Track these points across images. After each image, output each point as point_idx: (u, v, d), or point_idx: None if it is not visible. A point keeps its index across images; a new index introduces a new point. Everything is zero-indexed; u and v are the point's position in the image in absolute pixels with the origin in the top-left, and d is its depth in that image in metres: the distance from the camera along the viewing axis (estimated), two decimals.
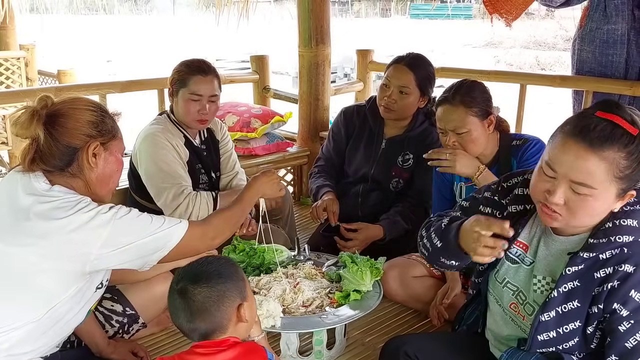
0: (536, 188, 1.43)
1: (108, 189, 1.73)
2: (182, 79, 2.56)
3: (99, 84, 3.52)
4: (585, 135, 1.32)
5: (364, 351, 2.23)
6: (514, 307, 1.58)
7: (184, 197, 2.45)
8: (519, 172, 1.64)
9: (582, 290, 1.41)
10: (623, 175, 1.32)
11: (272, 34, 19.22)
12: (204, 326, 1.43)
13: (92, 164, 1.63)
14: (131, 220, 1.62)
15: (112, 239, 1.57)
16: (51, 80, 6.56)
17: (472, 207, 1.67)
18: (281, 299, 2.09)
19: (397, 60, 2.74)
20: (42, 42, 10.49)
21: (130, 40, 23.73)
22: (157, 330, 2.31)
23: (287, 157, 3.85)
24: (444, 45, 19.63)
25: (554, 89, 3.64)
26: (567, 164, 1.34)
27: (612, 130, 1.32)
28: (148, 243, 1.63)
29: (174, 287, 1.48)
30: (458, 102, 2.17)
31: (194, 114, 2.56)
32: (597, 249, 1.39)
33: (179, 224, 1.72)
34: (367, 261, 2.24)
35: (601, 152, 1.31)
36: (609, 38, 3.17)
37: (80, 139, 1.61)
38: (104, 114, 1.68)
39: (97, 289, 1.73)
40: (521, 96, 3.45)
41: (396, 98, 2.67)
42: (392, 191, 2.84)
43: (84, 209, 1.56)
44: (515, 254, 1.57)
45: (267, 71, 4.39)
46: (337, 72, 13.86)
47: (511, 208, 1.59)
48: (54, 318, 1.61)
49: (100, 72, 14.21)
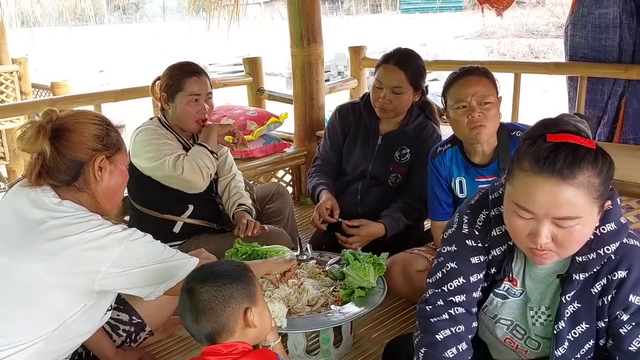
0: (518, 234, 1.33)
1: (114, 202, 1.74)
2: (177, 83, 2.56)
3: (92, 94, 3.53)
4: (552, 167, 1.22)
5: (371, 347, 2.23)
6: (509, 342, 1.55)
7: (183, 158, 2.50)
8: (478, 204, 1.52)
9: (585, 310, 1.39)
10: (599, 194, 1.26)
11: (263, 36, 19.23)
12: (209, 326, 1.43)
13: (98, 177, 1.64)
14: (144, 244, 1.64)
15: (122, 259, 1.58)
16: (45, 93, 6.55)
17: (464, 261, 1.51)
18: (286, 299, 2.09)
19: (385, 60, 2.71)
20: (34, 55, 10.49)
21: (122, 49, 23.73)
22: (164, 337, 2.31)
23: (285, 157, 3.85)
24: (436, 38, 19.64)
25: (548, 77, 3.64)
26: (544, 203, 1.25)
27: (575, 154, 1.23)
28: (157, 270, 1.65)
29: (184, 287, 1.48)
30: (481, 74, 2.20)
31: (194, 115, 2.58)
32: (589, 267, 1.35)
33: (190, 259, 1.74)
34: (370, 257, 2.24)
35: (574, 180, 1.22)
36: (601, 22, 3.17)
37: (86, 152, 1.62)
38: (109, 127, 1.69)
39: (108, 311, 1.74)
40: (516, 85, 3.46)
41: (390, 98, 2.67)
42: (391, 187, 2.83)
43: (96, 227, 1.57)
44: (504, 289, 1.51)
45: (261, 73, 4.39)
46: (330, 70, 13.87)
47: (495, 252, 1.49)
48: (63, 336, 1.61)
49: (93, 83, 14.20)
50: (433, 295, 1.55)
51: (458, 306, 1.51)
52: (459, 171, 2.34)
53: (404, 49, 2.76)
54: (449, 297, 1.52)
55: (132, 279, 1.62)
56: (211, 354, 1.42)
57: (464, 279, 1.51)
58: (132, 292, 1.67)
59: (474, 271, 1.51)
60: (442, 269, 1.54)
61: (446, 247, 1.56)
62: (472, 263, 1.51)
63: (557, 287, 1.43)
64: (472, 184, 2.31)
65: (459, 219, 1.55)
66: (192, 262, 1.74)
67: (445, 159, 2.36)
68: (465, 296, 1.51)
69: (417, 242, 2.62)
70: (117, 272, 1.58)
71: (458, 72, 2.22)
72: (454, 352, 1.47)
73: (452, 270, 1.52)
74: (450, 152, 2.35)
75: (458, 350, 1.48)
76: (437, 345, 1.48)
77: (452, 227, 1.56)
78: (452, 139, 2.36)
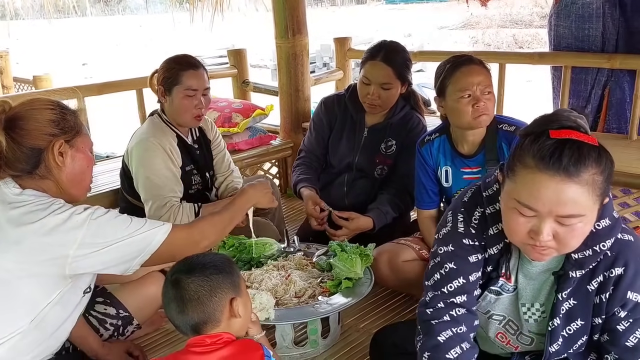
0: (518, 232, 1.30)
1: (81, 187, 1.70)
2: (174, 76, 2.52)
3: (75, 88, 3.48)
4: (558, 165, 1.20)
5: (359, 337, 2.24)
6: (501, 337, 1.55)
7: (166, 210, 2.42)
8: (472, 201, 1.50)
9: (580, 307, 1.39)
10: (602, 191, 1.25)
11: (248, 28, 19.11)
12: (195, 317, 1.43)
13: (59, 163, 1.60)
14: (108, 221, 1.59)
15: (88, 240, 1.53)
16: (27, 87, 6.49)
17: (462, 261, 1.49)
18: (274, 291, 2.09)
19: (372, 56, 2.67)
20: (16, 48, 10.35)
21: (105, 41, 23.48)
22: (151, 330, 2.30)
23: (271, 150, 3.84)
24: (421, 29, 19.65)
25: (532, 67, 3.67)
26: (548, 200, 1.22)
27: (580, 151, 1.21)
28: (128, 245, 1.60)
29: (169, 278, 1.48)
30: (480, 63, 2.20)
31: (191, 110, 2.53)
32: (585, 264, 1.34)
33: (161, 227, 1.68)
34: (357, 248, 2.25)
35: (579, 178, 1.20)
36: (584, 12, 3.19)
37: (43, 139, 1.57)
38: (64, 111, 1.64)
39: (85, 293, 1.70)
40: (500, 76, 3.47)
41: (379, 94, 2.65)
42: (377, 179, 2.84)
43: (57, 210, 1.52)
44: (498, 286, 1.49)
45: (246, 65, 4.36)
46: (316, 62, 13.85)
47: (491, 250, 1.47)
48: (41, 328, 1.58)
49: (76, 76, 14.04)
50: (433, 298, 1.52)
51: (459, 307, 1.49)
52: (445, 160, 2.35)
53: (389, 42, 2.73)
54: (449, 298, 1.50)
55: (103, 258, 1.57)
56: (195, 345, 1.43)
57: (463, 279, 1.48)
58: (106, 271, 1.63)
59: (473, 270, 1.49)
60: (441, 270, 1.51)
61: (442, 247, 1.52)
62: (471, 262, 1.48)
63: (551, 284, 1.42)
64: (457, 173, 2.32)
65: (452, 217, 1.52)
66: (163, 229, 1.67)
67: (432, 148, 2.36)
68: (466, 296, 1.49)
69: (404, 233, 2.63)
70: (86, 253, 1.54)
71: (457, 61, 2.20)
72: (457, 352, 1.45)
73: (451, 270, 1.49)
74: (438, 141, 2.36)
75: (462, 349, 1.46)
76: (440, 348, 1.46)
77: (446, 227, 1.53)
78: (441, 129, 2.36)
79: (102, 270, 1.63)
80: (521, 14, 20.00)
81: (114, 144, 6.06)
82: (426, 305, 1.53)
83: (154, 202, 2.45)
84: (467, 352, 1.47)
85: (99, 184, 3.12)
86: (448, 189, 2.37)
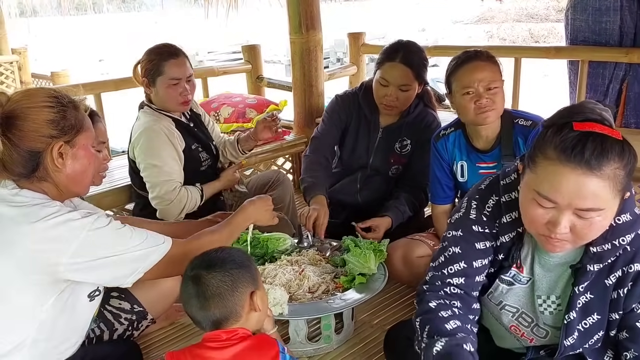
0: (535, 222, 1.30)
1: (82, 185, 1.62)
2: (156, 67, 2.57)
3: (92, 84, 3.51)
4: (580, 157, 1.19)
5: (372, 333, 2.24)
6: (514, 329, 1.55)
7: (176, 194, 2.53)
8: (488, 189, 1.51)
9: (598, 301, 1.38)
10: (623, 186, 1.23)
11: (262, 23, 19.12)
12: (217, 312, 1.43)
13: (59, 165, 1.51)
14: (108, 232, 1.52)
15: (83, 249, 1.47)
16: (45, 83, 6.55)
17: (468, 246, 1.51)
18: (287, 286, 2.09)
19: (391, 57, 2.61)
20: (34, 45, 10.45)
21: (121, 38, 23.63)
22: (166, 325, 2.32)
23: (285, 145, 3.84)
24: (435, 24, 19.53)
25: (549, 61, 3.62)
26: (569, 193, 1.21)
27: (603, 145, 1.20)
28: (123, 261, 1.54)
29: (188, 274, 1.47)
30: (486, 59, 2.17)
31: (177, 98, 2.59)
32: (603, 258, 1.33)
33: (159, 245, 1.63)
34: (371, 244, 2.24)
35: (601, 171, 1.19)
36: (601, 5, 3.15)
37: (42, 141, 1.48)
38: (64, 108, 1.53)
39: (93, 298, 1.65)
40: (516, 70, 3.44)
41: (397, 95, 2.62)
42: (391, 177, 2.82)
43: (52, 215, 1.44)
44: (510, 276, 1.50)
45: (260, 60, 4.37)
46: (329, 57, 13.82)
47: (504, 238, 1.47)
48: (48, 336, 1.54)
49: (93, 72, 14.18)
50: (432, 277, 1.56)
51: (455, 287, 1.51)
52: (461, 155, 2.34)
53: (407, 42, 2.69)
54: (447, 279, 1.52)
55: (97, 271, 1.51)
56: (211, 340, 1.43)
57: (465, 263, 1.50)
58: (99, 283, 1.59)
59: (479, 257, 1.50)
60: (445, 253, 1.54)
61: (452, 232, 1.54)
62: (477, 249, 1.50)
63: (568, 277, 1.41)
64: (473, 168, 2.31)
65: (467, 203, 1.53)
66: (162, 247, 1.62)
67: (448, 142, 2.35)
68: (464, 279, 1.50)
69: (418, 228, 2.62)
70: (79, 262, 1.47)
71: (463, 57, 2.19)
72: (449, 313, 1.45)
73: (455, 254, 1.51)
74: (454, 136, 2.34)
75: (454, 312, 1.46)
76: (431, 311, 1.47)
77: (459, 212, 1.55)
78: (456, 123, 2.35)
79: (95, 283, 1.59)
80: (537, 7, 19.79)
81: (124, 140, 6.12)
82: (425, 283, 1.57)
83: (161, 187, 2.52)
84: (460, 316, 1.45)
85: (115, 178, 3.15)
86: (463, 184, 2.35)
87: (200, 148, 2.74)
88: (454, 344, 1.36)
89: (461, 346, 1.36)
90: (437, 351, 1.36)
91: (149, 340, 2.23)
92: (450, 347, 1.36)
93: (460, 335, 1.39)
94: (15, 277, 1.45)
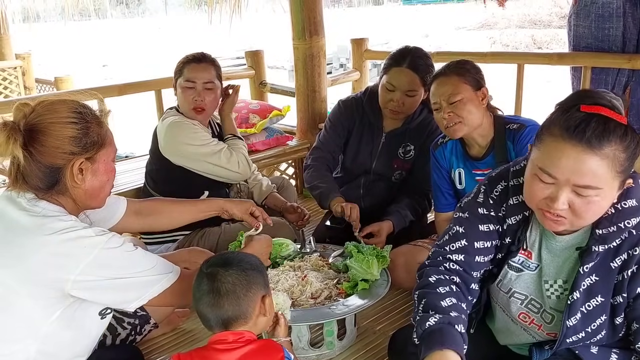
0: (535, 196, 1.35)
1: (100, 199, 1.63)
2: (179, 70, 2.65)
3: (96, 89, 3.52)
4: (581, 135, 1.25)
5: (375, 339, 2.23)
6: (523, 317, 1.55)
7: (230, 153, 2.64)
8: (498, 176, 1.56)
9: (602, 284, 1.39)
10: (623, 168, 1.27)
11: (265, 29, 19.17)
12: (230, 310, 1.43)
13: (78, 180, 1.51)
14: (120, 253, 1.51)
15: (92, 268, 1.45)
16: (49, 88, 6.58)
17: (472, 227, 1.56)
18: (290, 291, 2.09)
19: (397, 63, 2.63)
20: (37, 50, 10.51)
21: (125, 43, 23.72)
22: (168, 330, 2.32)
23: (288, 150, 3.84)
24: (438, 30, 19.56)
25: (551, 67, 3.62)
26: (567, 169, 1.27)
27: (606, 125, 1.25)
28: (131, 286, 1.53)
29: (203, 271, 1.48)
30: (451, 72, 2.19)
31: (190, 102, 2.61)
32: (608, 239, 1.35)
33: (169, 274, 1.62)
34: (373, 250, 2.24)
35: (601, 151, 1.24)
36: (604, 12, 3.15)
37: (63, 157, 1.48)
38: (87, 123, 1.53)
39: (104, 315, 1.63)
40: (519, 76, 3.44)
41: (403, 100, 2.63)
42: (394, 183, 2.83)
43: (66, 230, 1.44)
44: (519, 262, 1.52)
45: (263, 66, 4.38)
46: (332, 62, 13.84)
47: (510, 220, 1.51)
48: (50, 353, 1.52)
49: (96, 77, 14.22)
50: (434, 252, 1.62)
51: (454, 263, 1.56)
52: (458, 162, 2.35)
53: (414, 48, 2.70)
54: (447, 255, 1.58)
55: (103, 292, 1.49)
56: (218, 342, 1.43)
57: (466, 241, 1.55)
58: (103, 304, 1.57)
59: (481, 238, 1.54)
60: (449, 232, 1.60)
61: (458, 213, 1.61)
62: (480, 230, 1.54)
63: (575, 260, 1.43)
64: (469, 175, 2.32)
65: (477, 189, 1.60)
66: (170, 277, 1.61)
67: (445, 150, 2.37)
68: (464, 257, 1.55)
69: (420, 235, 2.62)
70: (87, 280, 1.45)
71: (433, 75, 2.28)
72: (446, 289, 1.50)
73: (458, 233, 1.57)
74: (451, 144, 2.36)
75: (451, 289, 1.50)
76: (430, 285, 1.52)
77: (469, 197, 1.61)
78: None
79: (99, 304, 1.57)
80: (540, 14, 19.82)
81: (134, 144, 6.13)
82: (427, 258, 1.63)
83: (219, 155, 2.60)
84: (457, 294, 1.50)
85: (120, 183, 3.16)
86: (462, 191, 2.35)
87: None
88: (446, 322, 1.41)
89: (452, 325, 1.40)
90: (429, 325, 1.41)
91: (151, 345, 2.23)
92: (442, 324, 1.40)
93: (454, 315, 1.43)
94: (22, 286, 1.44)
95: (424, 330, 1.41)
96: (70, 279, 1.44)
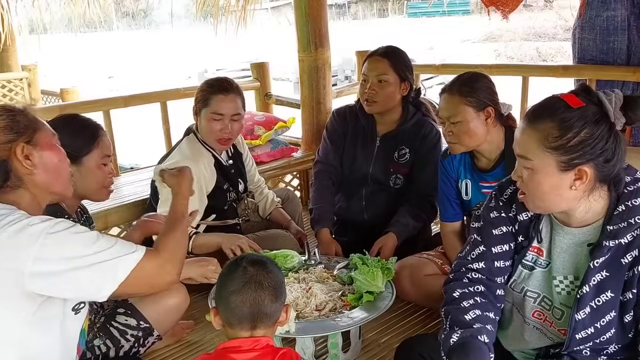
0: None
1: (61, 182, 1.57)
2: (205, 99, 2.55)
3: (102, 100, 3.55)
4: (529, 113, 1.43)
5: (380, 352, 2.22)
6: (538, 314, 1.55)
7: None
8: (508, 181, 1.60)
9: (612, 279, 1.39)
10: (556, 145, 1.34)
11: (270, 41, 19.27)
12: (268, 306, 1.40)
13: (29, 166, 1.48)
14: (70, 235, 1.41)
15: (44, 255, 1.36)
16: (55, 99, 6.62)
17: (486, 233, 1.59)
18: (294, 303, 2.09)
19: (371, 54, 2.75)
20: (43, 62, 10.58)
21: (131, 55, 23.87)
22: (172, 342, 2.31)
23: (293, 162, 3.85)
24: (443, 42, 19.62)
25: (556, 80, 3.63)
26: (515, 141, 1.45)
27: (551, 105, 1.38)
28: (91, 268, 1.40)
29: (240, 264, 1.43)
30: (455, 91, 2.18)
31: (216, 134, 2.55)
32: (619, 235, 1.37)
33: (133, 252, 1.48)
34: (378, 262, 2.24)
35: (535, 125, 1.38)
36: (609, 25, 3.16)
37: (3, 149, 1.46)
38: (11, 113, 1.50)
39: (76, 312, 1.55)
40: (524, 89, 3.44)
41: (376, 88, 2.66)
42: (393, 189, 2.82)
43: (12, 222, 1.38)
44: (531, 260, 1.54)
45: (268, 78, 4.41)
46: (337, 75, 13.90)
47: (521, 217, 1.55)
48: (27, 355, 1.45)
49: (102, 89, 14.30)
50: (456, 264, 1.66)
51: (476, 272, 1.59)
52: (465, 173, 2.35)
53: (390, 45, 2.80)
54: (468, 264, 1.62)
55: (64, 280, 1.39)
56: (229, 350, 1.38)
57: (484, 247, 1.59)
58: (69, 297, 1.47)
59: (497, 242, 1.58)
60: (469, 243, 1.65)
61: (474, 223, 1.66)
62: (495, 234, 1.58)
63: (586, 257, 1.44)
64: (476, 187, 2.31)
65: (489, 196, 1.65)
66: (134, 256, 1.47)
67: (454, 160, 2.36)
68: (484, 263, 1.58)
69: (426, 246, 2.61)
70: (42, 271, 1.36)
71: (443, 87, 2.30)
72: (470, 303, 1.52)
73: (476, 241, 1.62)
74: (460, 155, 2.34)
75: (475, 301, 1.53)
76: (456, 301, 1.55)
77: (483, 205, 1.66)
78: None
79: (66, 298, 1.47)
80: (545, 26, 19.85)
81: (138, 155, 6.15)
82: (451, 272, 1.67)
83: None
84: (481, 305, 1.52)
85: (124, 194, 3.17)
86: (468, 202, 2.35)
87: (230, 188, 2.73)
88: (468, 335, 1.43)
89: (475, 337, 1.42)
90: (453, 342, 1.43)
91: (155, 357, 2.23)
92: (465, 338, 1.42)
93: (477, 326, 1.45)
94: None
95: (449, 348, 1.43)
96: (26, 272, 1.36)
